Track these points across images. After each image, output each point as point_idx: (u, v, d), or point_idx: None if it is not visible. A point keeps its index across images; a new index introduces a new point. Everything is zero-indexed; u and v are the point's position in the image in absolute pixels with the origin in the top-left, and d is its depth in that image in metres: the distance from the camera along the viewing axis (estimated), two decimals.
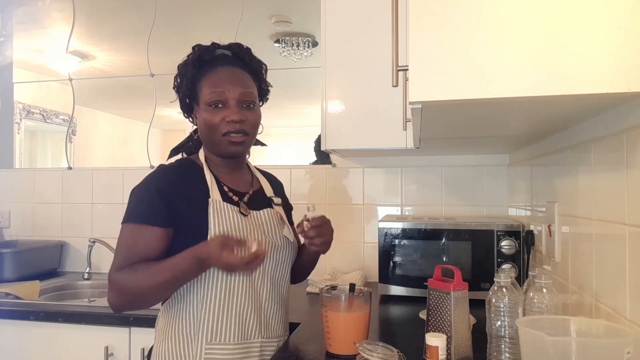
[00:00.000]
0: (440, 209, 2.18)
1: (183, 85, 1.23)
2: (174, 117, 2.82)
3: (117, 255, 1.14)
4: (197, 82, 1.22)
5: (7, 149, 2.75)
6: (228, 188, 1.24)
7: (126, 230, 1.14)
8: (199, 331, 1.14)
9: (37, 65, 2.81)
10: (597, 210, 1.03)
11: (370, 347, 1.02)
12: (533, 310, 1.05)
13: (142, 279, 1.09)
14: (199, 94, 1.21)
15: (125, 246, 1.13)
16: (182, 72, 1.24)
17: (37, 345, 1.76)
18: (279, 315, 1.26)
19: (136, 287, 1.09)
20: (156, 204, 1.13)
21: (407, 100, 0.83)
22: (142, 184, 1.19)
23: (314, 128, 1.80)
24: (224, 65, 1.22)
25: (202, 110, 1.20)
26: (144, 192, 1.16)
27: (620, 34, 0.73)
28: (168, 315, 1.19)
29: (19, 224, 2.61)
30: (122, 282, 1.11)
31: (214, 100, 1.18)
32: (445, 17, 0.78)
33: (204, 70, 1.21)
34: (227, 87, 1.19)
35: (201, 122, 1.22)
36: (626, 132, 0.89)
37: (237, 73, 1.23)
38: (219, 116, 1.18)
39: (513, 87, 0.76)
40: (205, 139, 1.24)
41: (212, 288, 1.15)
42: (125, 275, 1.10)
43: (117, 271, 1.12)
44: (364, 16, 1.71)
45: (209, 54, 1.23)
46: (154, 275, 1.08)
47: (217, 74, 1.21)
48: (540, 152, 1.50)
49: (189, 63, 1.22)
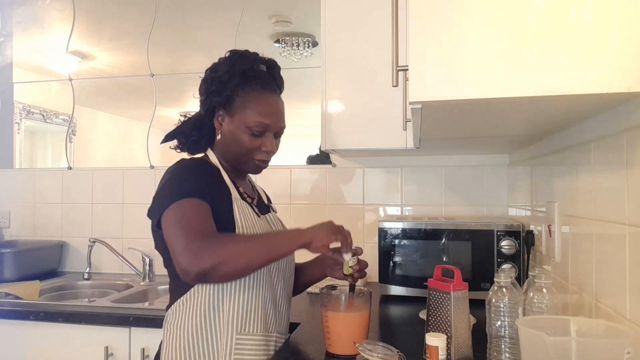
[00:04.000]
0: (440, 209, 2.18)
1: (225, 94, 1.20)
2: (174, 117, 2.82)
3: (185, 228, 1.05)
4: (236, 95, 1.21)
5: (7, 149, 2.75)
6: (243, 190, 1.27)
7: (182, 206, 1.08)
8: (229, 323, 1.14)
9: (37, 65, 2.81)
10: (597, 210, 1.03)
11: (370, 347, 1.02)
12: (533, 310, 1.05)
13: (243, 243, 1.06)
14: (238, 110, 1.20)
15: (192, 219, 1.06)
16: (224, 79, 1.20)
17: (37, 345, 1.76)
18: (288, 312, 1.30)
19: (235, 249, 1.04)
20: (202, 183, 1.14)
21: (407, 100, 0.83)
22: (179, 168, 1.17)
23: (314, 128, 1.80)
24: (270, 91, 1.23)
25: (237, 127, 1.20)
26: (187, 172, 1.15)
27: (620, 34, 0.73)
28: (186, 311, 1.15)
29: (19, 224, 2.61)
30: (216, 243, 1.03)
31: (256, 129, 1.20)
32: (445, 17, 0.78)
33: (249, 89, 1.20)
34: (273, 121, 1.21)
35: (232, 137, 1.21)
36: (626, 132, 0.89)
37: (281, 105, 1.26)
38: (257, 143, 1.21)
39: (513, 87, 0.77)
40: (231, 152, 1.24)
41: (239, 281, 1.15)
42: (219, 238, 1.05)
43: (204, 237, 1.04)
44: (363, 16, 1.71)
45: (254, 71, 1.22)
46: (256, 242, 1.06)
47: (267, 102, 1.22)
48: (540, 152, 1.50)
49: (235, 74, 1.20)
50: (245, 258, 1.04)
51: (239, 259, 1.03)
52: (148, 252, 2.29)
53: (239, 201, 1.20)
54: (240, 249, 1.04)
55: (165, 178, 1.16)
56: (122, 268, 2.41)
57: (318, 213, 2.27)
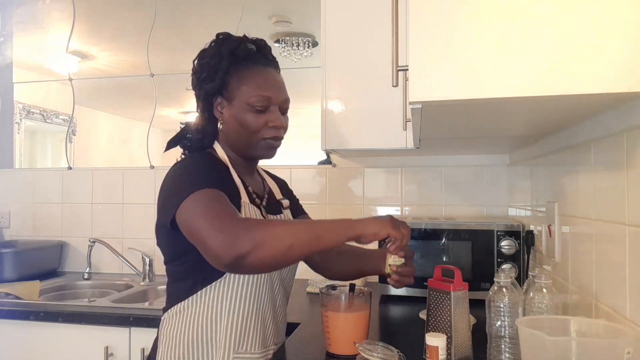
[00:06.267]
0: (440, 209, 2.18)
1: (217, 77, 1.14)
2: (174, 117, 2.82)
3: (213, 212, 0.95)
4: (229, 77, 1.14)
5: (7, 149, 2.75)
6: (252, 190, 1.22)
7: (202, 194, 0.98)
8: (225, 338, 1.07)
9: (37, 65, 2.81)
10: (597, 210, 1.03)
11: (370, 347, 1.02)
12: (533, 310, 1.05)
13: (285, 226, 0.96)
14: (234, 91, 1.14)
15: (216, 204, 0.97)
16: (213, 63, 1.14)
17: (37, 345, 1.76)
18: (285, 317, 1.25)
19: (275, 232, 0.93)
20: (215, 176, 1.07)
21: (407, 100, 0.83)
22: (188, 163, 1.11)
23: (314, 128, 1.80)
24: (264, 66, 1.17)
25: (238, 109, 1.14)
26: (197, 166, 1.09)
27: (620, 34, 0.73)
28: (183, 319, 1.09)
29: (19, 224, 2.61)
30: (253, 224, 0.93)
31: (259, 104, 1.13)
32: (445, 17, 0.78)
33: (241, 67, 1.15)
34: (274, 93, 1.15)
35: (235, 122, 1.15)
36: (626, 132, 0.89)
37: (279, 78, 1.20)
38: (262, 120, 1.14)
39: (513, 87, 0.77)
40: (237, 138, 1.17)
41: (239, 294, 1.09)
42: (255, 220, 0.97)
43: (237, 219, 0.94)
44: (364, 16, 1.71)
45: (242, 49, 1.15)
46: (300, 227, 0.96)
47: (263, 76, 1.16)
48: (540, 152, 1.50)
49: (224, 56, 1.14)
50: (287, 241, 0.91)
51: (280, 242, 0.91)
52: (148, 252, 2.30)
53: (248, 205, 1.13)
54: (280, 232, 0.93)
55: (174, 174, 1.08)
56: (122, 268, 2.41)
57: (318, 213, 2.27)
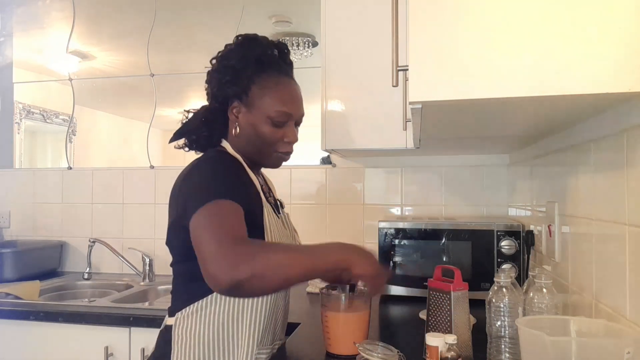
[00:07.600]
0: (440, 209, 2.18)
1: (241, 83, 1.12)
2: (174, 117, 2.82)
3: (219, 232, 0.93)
4: (252, 84, 1.13)
5: (7, 149, 2.75)
6: (266, 189, 1.22)
7: (217, 207, 0.97)
8: (249, 336, 1.07)
9: (37, 65, 2.81)
10: (597, 210, 1.03)
11: (370, 347, 1.02)
12: (533, 310, 1.05)
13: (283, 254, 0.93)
14: (256, 100, 1.13)
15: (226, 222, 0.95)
16: (239, 68, 1.12)
17: (37, 345, 1.76)
18: (288, 314, 1.27)
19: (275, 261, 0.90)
20: (238, 183, 1.05)
21: (407, 100, 0.83)
22: (213, 163, 1.08)
23: (314, 128, 1.80)
24: (287, 77, 1.17)
25: (257, 119, 1.13)
26: (228, 171, 1.06)
27: (620, 34, 0.73)
28: (202, 318, 1.07)
29: (19, 224, 2.61)
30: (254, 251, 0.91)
31: (279, 119, 1.13)
32: (445, 17, 0.78)
33: (266, 75, 1.13)
34: (294, 109, 1.15)
35: (252, 130, 1.14)
36: (626, 132, 0.89)
37: (299, 92, 1.19)
38: (279, 134, 1.14)
39: (513, 87, 0.77)
40: (250, 146, 1.16)
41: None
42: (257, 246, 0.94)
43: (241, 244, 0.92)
44: (364, 16, 1.71)
45: (268, 56, 1.14)
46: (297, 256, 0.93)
47: (287, 89, 1.15)
48: (540, 152, 1.50)
49: (250, 62, 1.12)
50: (284, 274, 0.90)
51: (277, 274, 0.90)
52: (148, 252, 2.30)
53: (267, 206, 1.13)
54: (279, 263, 0.90)
55: (200, 174, 1.05)
56: (122, 268, 2.41)
57: (318, 213, 2.27)
